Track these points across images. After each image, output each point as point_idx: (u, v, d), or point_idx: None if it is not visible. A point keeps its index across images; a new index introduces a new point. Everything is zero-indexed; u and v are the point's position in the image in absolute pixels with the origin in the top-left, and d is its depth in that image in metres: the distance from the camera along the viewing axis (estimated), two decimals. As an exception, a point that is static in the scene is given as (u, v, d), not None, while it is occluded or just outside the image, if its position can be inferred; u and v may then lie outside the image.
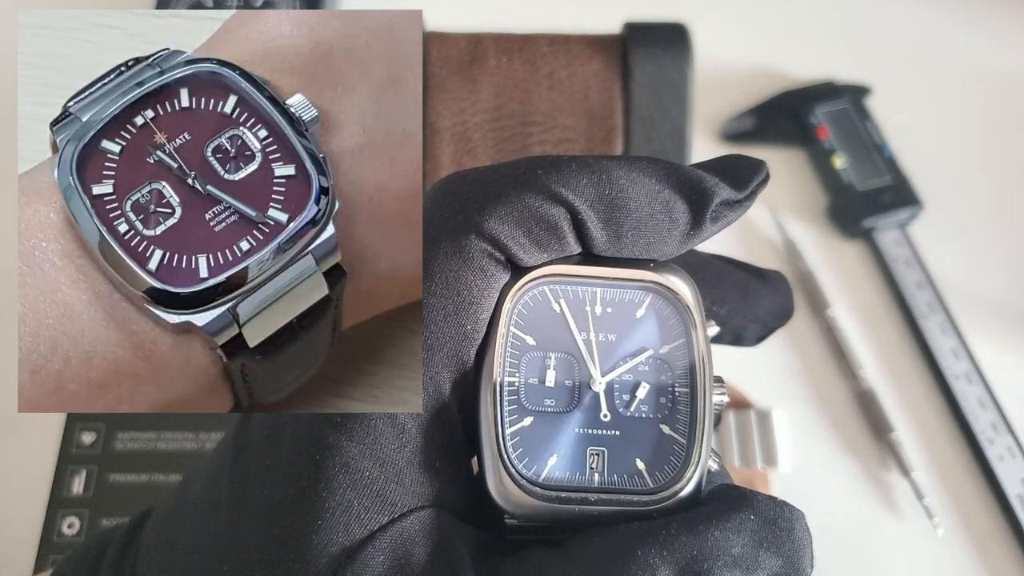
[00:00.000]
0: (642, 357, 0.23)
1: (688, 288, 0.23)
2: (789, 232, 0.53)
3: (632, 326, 0.23)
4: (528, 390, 0.22)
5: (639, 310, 0.23)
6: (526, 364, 0.22)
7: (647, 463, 0.22)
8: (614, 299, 0.23)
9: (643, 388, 0.22)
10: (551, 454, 0.22)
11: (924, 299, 0.50)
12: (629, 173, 0.22)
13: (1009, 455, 0.45)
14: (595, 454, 0.22)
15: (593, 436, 0.22)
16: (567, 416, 0.22)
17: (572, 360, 0.22)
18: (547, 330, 0.22)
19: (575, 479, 0.22)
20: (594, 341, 0.22)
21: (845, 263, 0.52)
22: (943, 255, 0.51)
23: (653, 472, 0.22)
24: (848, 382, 0.48)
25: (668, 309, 0.23)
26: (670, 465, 0.22)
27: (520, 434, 0.22)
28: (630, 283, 0.23)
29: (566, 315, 0.22)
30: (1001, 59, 0.59)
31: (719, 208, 0.22)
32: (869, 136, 0.55)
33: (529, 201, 0.21)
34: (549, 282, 0.22)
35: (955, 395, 0.47)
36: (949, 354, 0.48)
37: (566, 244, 0.22)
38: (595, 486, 0.22)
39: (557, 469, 0.22)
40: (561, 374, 0.22)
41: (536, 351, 0.22)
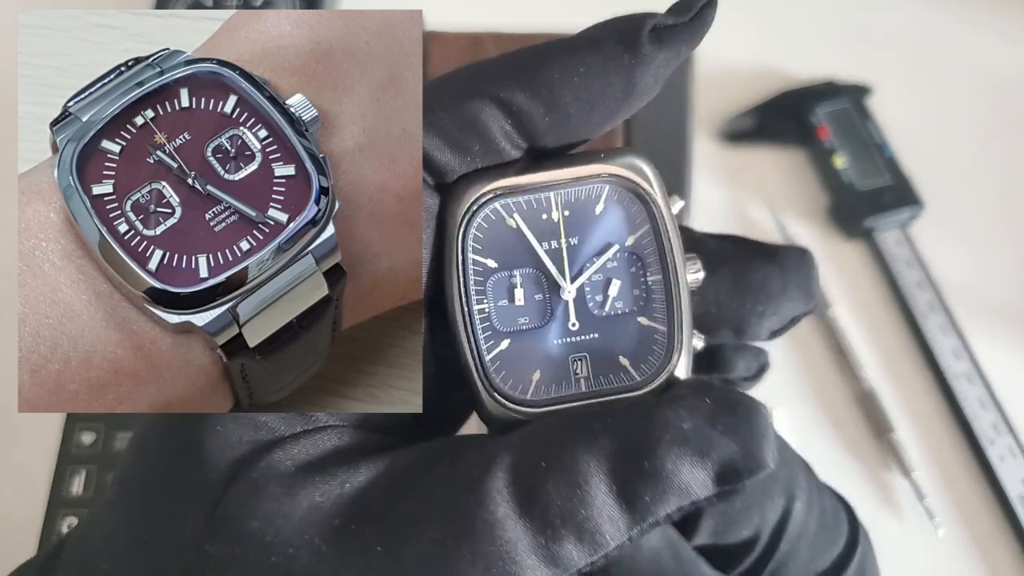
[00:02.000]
0: (609, 254, 0.22)
1: (645, 167, 0.22)
2: (789, 232, 0.53)
3: (593, 224, 0.22)
4: (499, 313, 0.21)
5: (597, 206, 0.22)
6: (492, 287, 0.22)
7: (630, 358, 0.22)
8: (569, 200, 0.22)
9: (615, 285, 0.22)
10: (534, 370, 0.21)
11: (925, 299, 0.50)
12: (539, 46, 0.21)
13: (1010, 455, 0.45)
14: (578, 360, 0.22)
15: (573, 344, 0.22)
16: (543, 330, 0.22)
17: (538, 274, 0.22)
18: (507, 249, 0.22)
19: (562, 389, 0.21)
20: (558, 249, 0.22)
21: (846, 263, 0.52)
22: (944, 255, 0.51)
23: (638, 365, 0.22)
24: (849, 382, 0.48)
25: (627, 197, 0.22)
26: (654, 355, 0.22)
27: (500, 358, 0.21)
28: (583, 180, 0.22)
29: (523, 229, 0.22)
30: (1002, 59, 0.59)
31: (656, 31, 0.21)
32: (870, 136, 0.55)
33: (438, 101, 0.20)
34: (499, 198, 0.21)
35: (956, 395, 0.47)
36: (950, 354, 0.48)
37: (490, 141, 0.20)
38: (583, 391, 0.21)
39: (543, 383, 0.21)
40: (529, 290, 0.22)
41: (500, 272, 0.22)
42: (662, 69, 0.21)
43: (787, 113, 0.56)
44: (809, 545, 0.22)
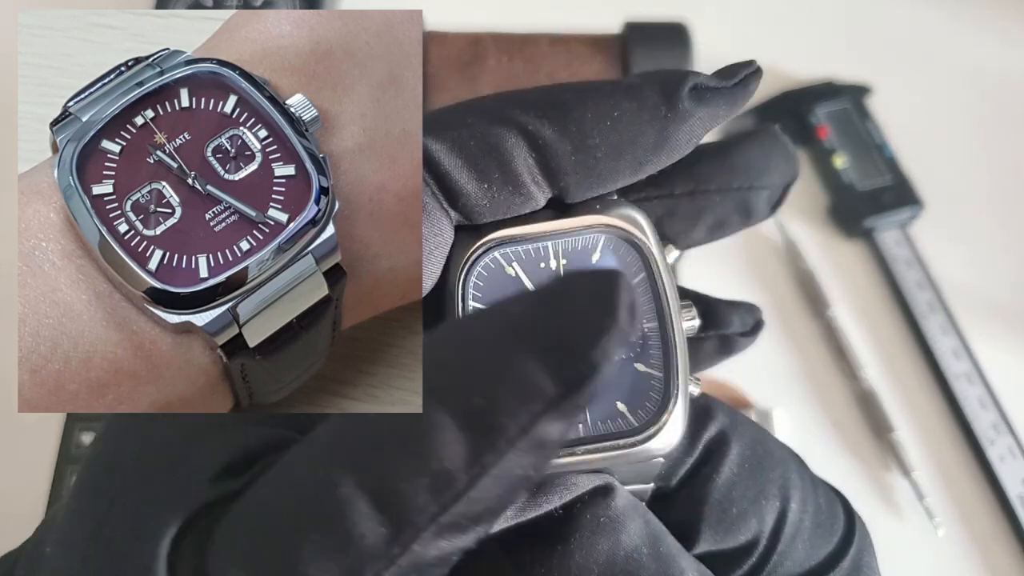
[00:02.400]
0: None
1: (640, 219, 0.22)
2: (789, 232, 0.53)
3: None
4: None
5: (594, 255, 0.22)
6: None
7: (627, 404, 0.22)
8: (567, 249, 0.22)
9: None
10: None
11: (925, 299, 0.50)
12: (576, 84, 0.20)
13: (1010, 455, 0.45)
14: None
15: None
16: None
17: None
18: (502, 292, 0.22)
19: None
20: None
21: (846, 263, 0.52)
22: (944, 255, 0.51)
23: (635, 411, 0.22)
24: (848, 382, 0.48)
25: (623, 247, 0.22)
26: (651, 401, 0.22)
27: None
28: (580, 230, 0.22)
29: (521, 277, 0.22)
30: (1002, 59, 0.59)
31: (697, 90, 0.21)
32: (870, 136, 0.55)
33: (463, 121, 0.20)
34: (499, 247, 0.22)
35: (956, 395, 0.47)
36: (950, 354, 0.48)
37: (511, 171, 0.20)
38: (581, 436, 0.21)
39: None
40: None
41: None
42: (697, 129, 0.21)
43: (787, 113, 0.56)
44: (805, 542, 0.22)
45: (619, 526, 0.20)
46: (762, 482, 0.22)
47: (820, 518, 0.23)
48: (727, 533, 0.22)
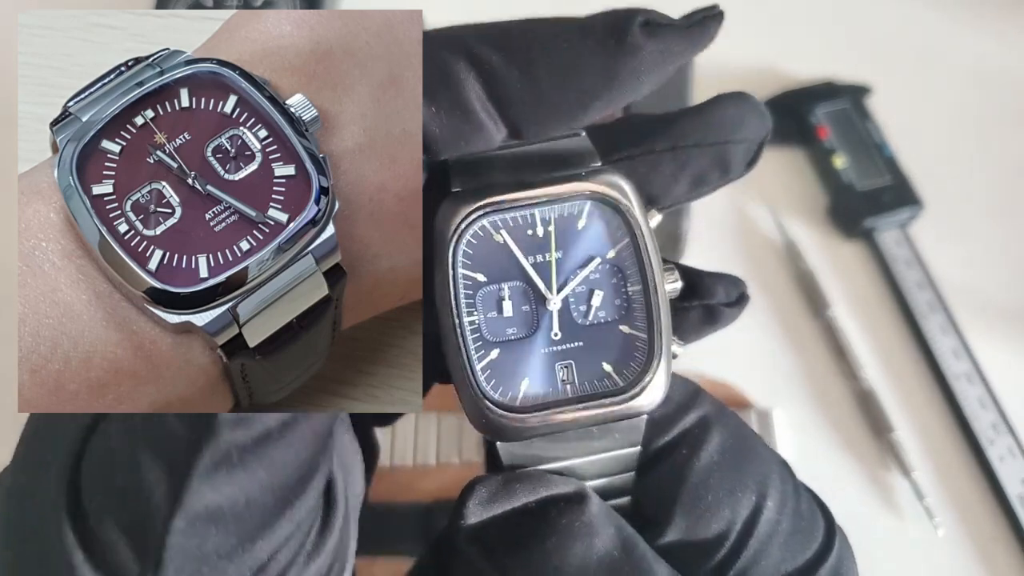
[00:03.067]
0: (592, 266, 0.23)
1: (624, 184, 0.23)
2: (789, 232, 0.53)
3: (576, 238, 0.23)
4: (489, 324, 0.22)
5: (580, 221, 0.23)
6: (481, 300, 0.22)
7: (613, 364, 0.23)
8: (553, 216, 0.23)
9: (597, 295, 0.23)
10: (522, 378, 0.22)
11: (924, 299, 0.50)
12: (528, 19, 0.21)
13: (1009, 455, 0.45)
14: (564, 367, 0.23)
15: (559, 352, 0.23)
16: (531, 340, 0.23)
17: (525, 287, 0.23)
18: (495, 263, 0.23)
19: (548, 394, 0.22)
20: (543, 262, 0.23)
21: (845, 263, 0.52)
22: (943, 255, 0.51)
23: (620, 371, 0.23)
24: (848, 382, 0.48)
25: (608, 213, 0.23)
26: (635, 361, 0.23)
27: (490, 367, 0.22)
28: (566, 197, 0.23)
29: (510, 244, 0.23)
30: (1001, 59, 0.59)
31: (649, 25, 0.21)
32: (869, 136, 0.55)
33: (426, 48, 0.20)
34: (487, 215, 0.22)
35: (955, 395, 0.47)
36: (949, 354, 0.48)
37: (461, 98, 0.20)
38: (568, 396, 0.22)
39: (531, 390, 0.22)
40: (517, 302, 0.23)
41: (489, 285, 0.23)
42: (647, 63, 0.21)
43: (787, 113, 0.56)
44: (781, 546, 0.22)
45: (593, 531, 0.21)
46: (740, 475, 0.22)
47: (799, 524, 0.23)
48: (699, 520, 0.22)
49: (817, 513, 0.24)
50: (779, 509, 0.23)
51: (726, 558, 0.22)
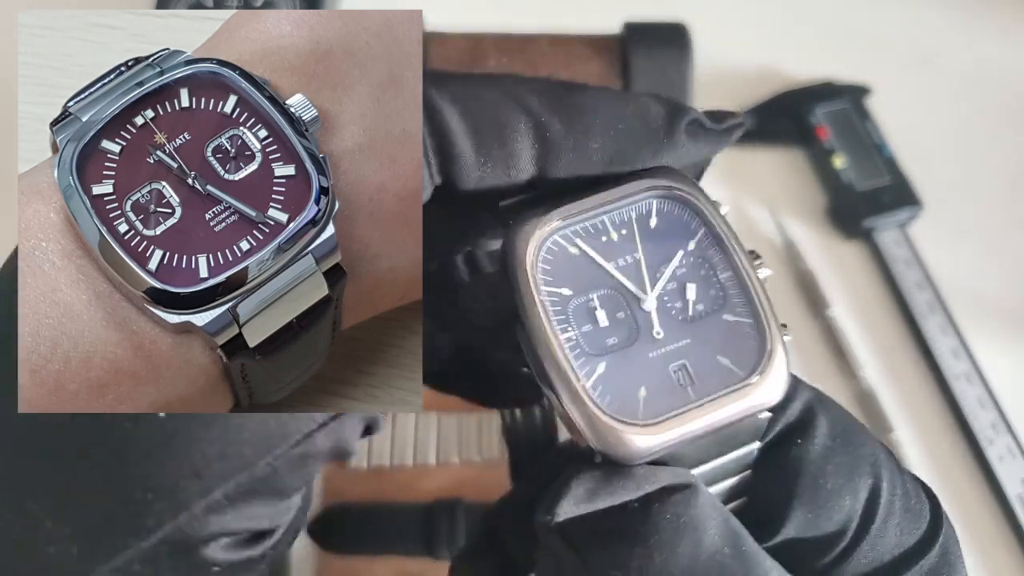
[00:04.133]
0: (676, 259, 0.22)
1: (683, 178, 0.22)
2: (789, 232, 0.53)
3: (653, 236, 0.22)
4: (586, 338, 0.21)
5: (651, 219, 0.22)
6: (573, 314, 0.21)
7: (729, 356, 0.21)
8: (623, 219, 0.22)
9: (690, 288, 0.22)
10: (639, 388, 0.21)
11: (924, 299, 0.50)
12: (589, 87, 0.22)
13: (1009, 455, 0.45)
14: (678, 370, 0.21)
15: (668, 353, 0.21)
16: (636, 347, 0.21)
17: (614, 293, 0.22)
18: (577, 275, 0.22)
19: (672, 402, 0.21)
20: (626, 264, 0.22)
21: (845, 263, 0.52)
22: (943, 255, 0.52)
23: (738, 361, 0.21)
24: (848, 382, 0.48)
25: (677, 206, 0.22)
26: (748, 348, 0.21)
27: (600, 382, 0.21)
28: (630, 197, 0.22)
29: (589, 253, 0.22)
30: (1002, 58, 0.59)
31: (693, 125, 0.22)
32: (869, 136, 0.55)
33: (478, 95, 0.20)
34: (556, 230, 0.22)
35: (955, 395, 0.47)
36: (949, 354, 0.48)
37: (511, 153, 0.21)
38: (692, 399, 0.21)
39: (651, 399, 0.21)
40: (610, 310, 0.22)
41: (577, 298, 0.22)
42: (681, 159, 0.22)
43: (786, 113, 0.56)
44: (895, 526, 0.22)
45: (701, 526, 0.19)
46: (855, 457, 0.21)
47: (909, 503, 0.22)
48: (821, 510, 0.21)
49: (921, 492, 0.23)
50: (892, 490, 0.22)
51: (848, 546, 0.21)
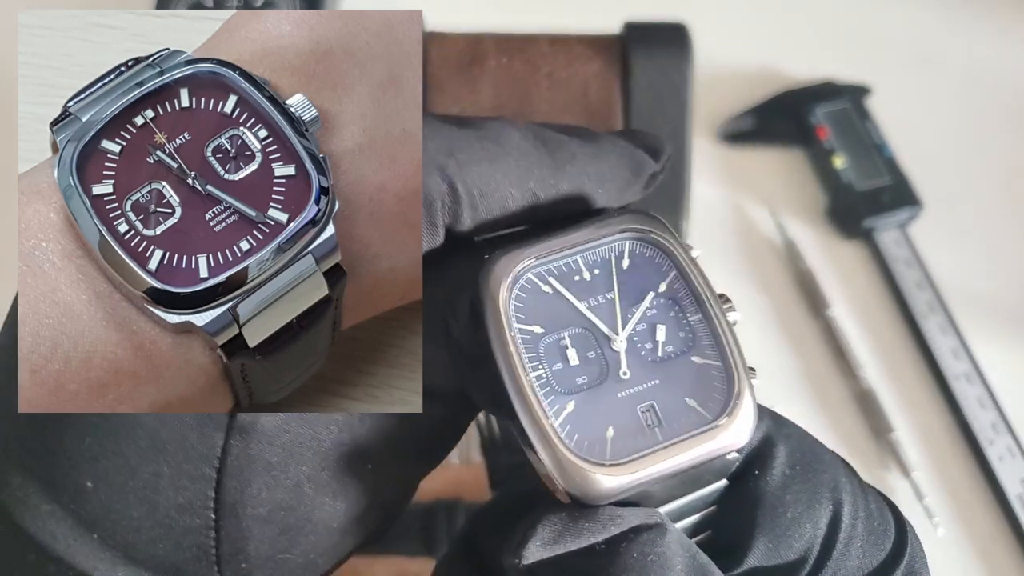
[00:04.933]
0: (647, 301, 0.22)
1: (656, 221, 0.23)
2: (789, 232, 0.53)
3: (625, 277, 0.23)
4: (556, 376, 0.21)
5: (623, 260, 0.23)
6: (544, 352, 0.21)
7: (696, 397, 0.21)
8: (596, 260, 0.23)
9: (660, 330, 0.22)
10: (606, 428, 0.21)
11: (924, 299, 0.50)
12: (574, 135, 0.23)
13: (1009, 455, 0.45)
14: (646, 411, 0.21)
15: (636, 394, 0.21)
16: (605, 386, 0.21)
17: (585, 332, 0.22)
18: (549, 313, 0.22)
19: (639, 442, 0.21)
20: (598, 304, 0.22)
21: (845, 263, 0.52)
22: (943, 255, 0.51)
23: (705, 403, 0.21)
24: (848, 382, 0.48)
25: (649, 248, 0.23)
26: (716, 390, 0.21)
27: (569, 421, 0.21)
28: (604, 238, 0.23)
29: (562, 292, 0.22)
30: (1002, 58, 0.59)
31: (653, 178, 0.24)
32: (869, 136, 0.55)
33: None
34: (530, 268, 0.22)
35: (955, 395, 0.47)
36: (949, 354, 0.48)
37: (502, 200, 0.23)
38: (659, 440, 0.21)
39: (618, 439, 0.21)
40: (581, 349, 0.22)
41: (548, 336, 0.22)
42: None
43: (786, 113, 0.56)
44: (858, 550, 0.22)
45: (668, 563, 0.19)
46: (814, 484, 0.22)
47: (872, 524, 0.22)
48: (781, 540, 0.21)
49: (886, 510, 0.23)
50: (853, 513, 0.22)
51: (810, 573, 0.21)
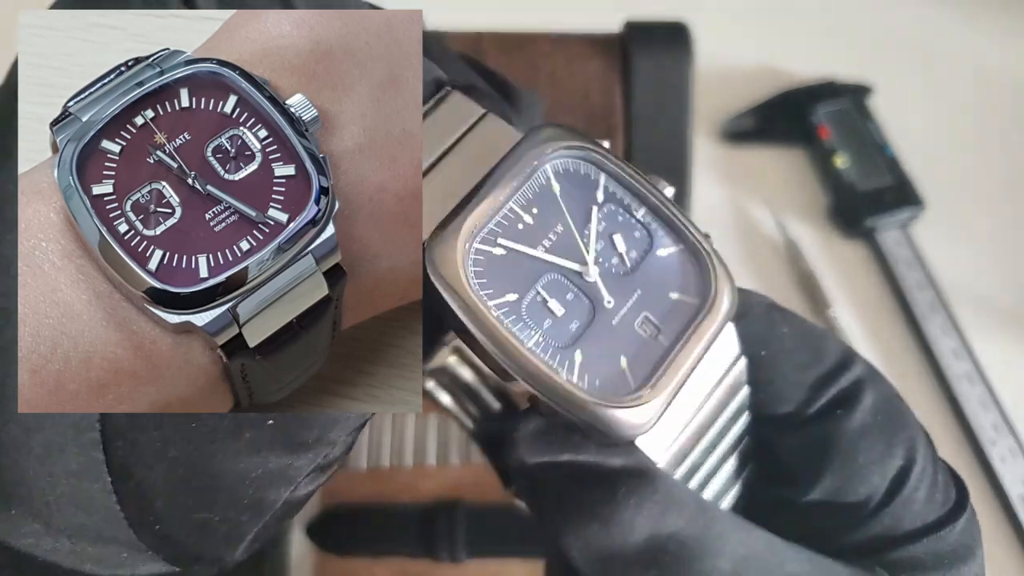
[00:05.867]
0: (594, 218, 0.22)
1: (559, 129, 0.22)
2: (790, 232, 0.53)
3: (561, 202, 0.22)
4: (551, 334, 0.21)
5: (553, 186, 0.22)
6: (528, 316, 0.21)
7: (679, 289, 0.21)
8: (529, 199, 0.22)
9: (618, 240, 0.22)
10: (619, 359, 0.21)
11: (925, 299, 0.50)
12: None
13: (1010, 455, 0.45)
14: (641, 324, 0.21)
15: (627, 314, 0.21)
16: (596, 322, 0.21)
17: (556, 276, 0.21)
18: (513, 274, 0.21)
19: (651, 356, 0.21)
20: (554, 243, 0.22)
21: (846, 263, 0.52)
22: (944, 255, 0.51)
23: (686, 290, 0.21)
24: (849, 382, 0.48)
25: (568, 163, 0.22)
26: (694, 273, 0.21)
27: (585, 370, 0.21)
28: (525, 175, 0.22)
29: (514, 247, 0.22)
30: (1003, 58, 0.59)
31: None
32: (870, 136, 0.55)
33: None
34: (471, 237, 0.22)
35: (956, 396, 0.47)
36: (950, 354, 0.48)
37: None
38: (667, 344, 0.21)
39: (634, 365, 0.21)
40: (560, 295, 0.21)
41: (524, 299, 0.21)
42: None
43: (788, 113, 0.56)
44: (916, 511, 0.22)
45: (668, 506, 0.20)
46: (892, 437, 0.22)
47: (934, 492, 0.23)
48: (847, 482, 0.22)
49: (952, 487, 0.24)
50: (920, 475, 0.23)
51: (864, 520, 0.22)
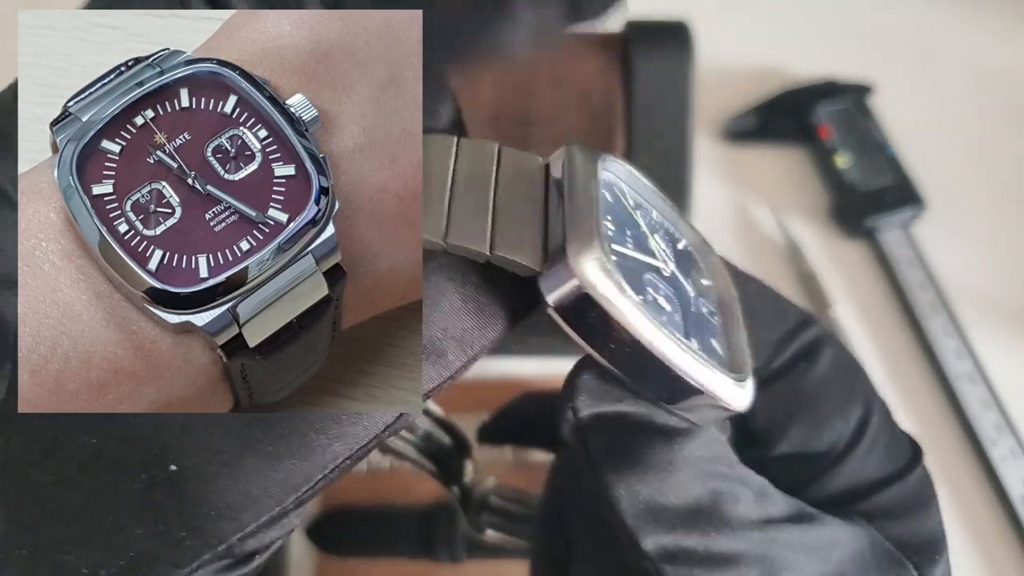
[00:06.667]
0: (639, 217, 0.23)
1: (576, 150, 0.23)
2: (791, 232, 0.53)
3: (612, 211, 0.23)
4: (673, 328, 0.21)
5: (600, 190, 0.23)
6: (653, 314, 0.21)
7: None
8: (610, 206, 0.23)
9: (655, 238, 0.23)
10: (710, 341, 0.22)
11: (927, 299, 0.50)
12: None
13: (1012, 456, 0.45)
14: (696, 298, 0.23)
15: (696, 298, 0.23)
16: (686, 309, 0.22)
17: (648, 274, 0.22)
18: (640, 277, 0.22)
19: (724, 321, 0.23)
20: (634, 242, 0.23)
21: (847, 263, 0.52)
22: (946, 255, 0.51)
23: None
24: (850, 382, 0.48)
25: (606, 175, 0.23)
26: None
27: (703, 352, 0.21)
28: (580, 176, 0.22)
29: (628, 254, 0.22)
30: (1004, 57, 0.59)
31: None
32: (871, 135, 0.54)
33: None
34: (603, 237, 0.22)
35: (958, 396, 0.47)
36: (952, 355, 0.48)
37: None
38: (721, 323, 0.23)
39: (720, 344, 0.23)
40: (658, 292, 0.22)
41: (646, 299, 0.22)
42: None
43: (788, 112, 0.56)
44: (877, 459, 0.24)
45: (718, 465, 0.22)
46: (852, 386, 0.24)
47: (893, 441, 0.25)
48: (813, 430, 0.23)
49: (907, 442, 0.26)
50: (879, 426, 0.24)
51: (829, 466, 0.24)
